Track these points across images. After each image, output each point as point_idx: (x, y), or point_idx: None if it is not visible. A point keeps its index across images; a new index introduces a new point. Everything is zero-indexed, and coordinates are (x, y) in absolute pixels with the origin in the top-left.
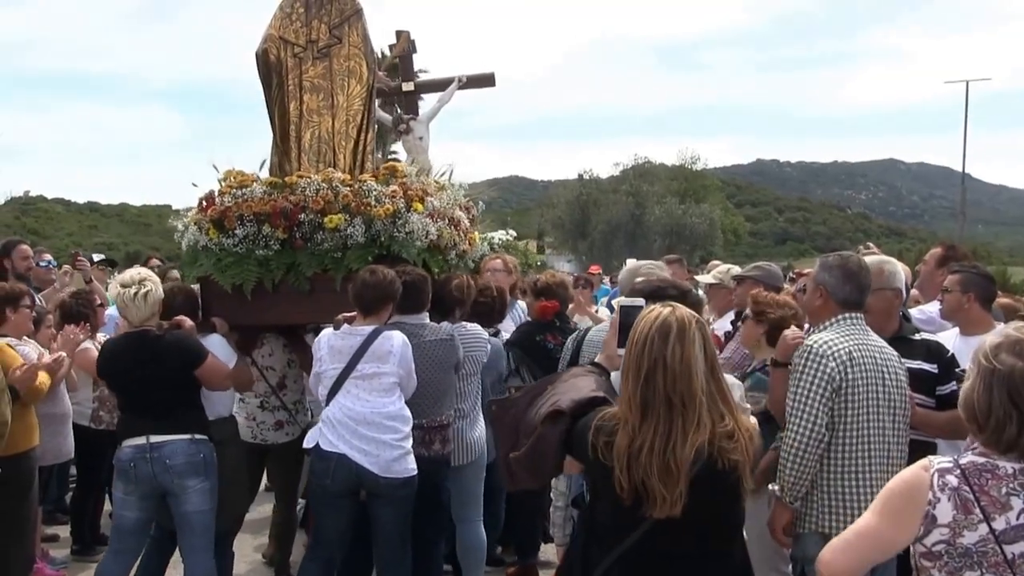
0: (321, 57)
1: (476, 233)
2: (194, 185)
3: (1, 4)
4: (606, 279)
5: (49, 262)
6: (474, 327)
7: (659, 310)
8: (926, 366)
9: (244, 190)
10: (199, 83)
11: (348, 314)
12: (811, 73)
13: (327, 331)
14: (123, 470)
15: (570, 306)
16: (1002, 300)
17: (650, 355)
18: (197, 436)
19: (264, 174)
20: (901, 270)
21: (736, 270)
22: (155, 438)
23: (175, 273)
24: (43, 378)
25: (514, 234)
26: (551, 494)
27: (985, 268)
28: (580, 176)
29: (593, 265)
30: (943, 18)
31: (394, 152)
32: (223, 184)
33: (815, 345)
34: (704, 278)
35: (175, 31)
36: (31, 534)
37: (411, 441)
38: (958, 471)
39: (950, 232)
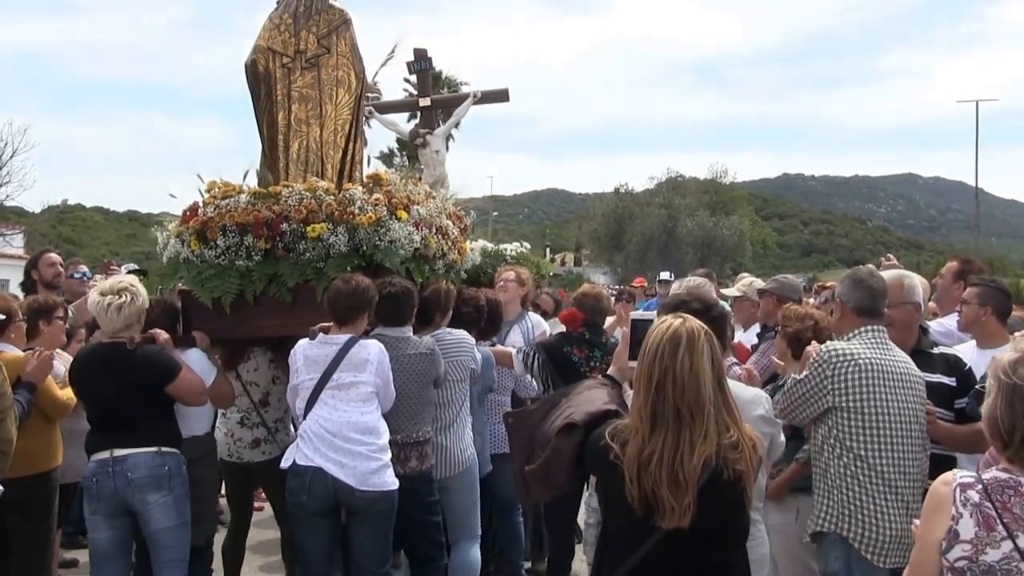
0: (309, 67)
1: (467, 243)
2: (172, 196)
3: (52, 12)
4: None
5: (84, 274)
6: (459, 333)
7: (670, 321)
8: (945, 379)
9: (228, 200)
10: (244, 95)
11: (324, 324)
12: (834, 90)
13: (302, 342)
14: (87, 487)
15: (609, 319)
16: (1016, 312)
17: (660, 366)
18: (164, 448)
19: (251, 184)
20: (919, 284)
21: (760, 283)
22: (119, 451)
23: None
24: (70, 393)
25: (528, 246)
26: (585, 510)
27: (1002, 281)
28: (616, 190)
29: (638, 278)
30: (958, 38)
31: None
32: (207, 195)
33: (839, 347)
34: (729, 291)
35: (227, 39)
36: (48, 560)
37: (389, 454)
38: (980, 487)
39: (966, 245)
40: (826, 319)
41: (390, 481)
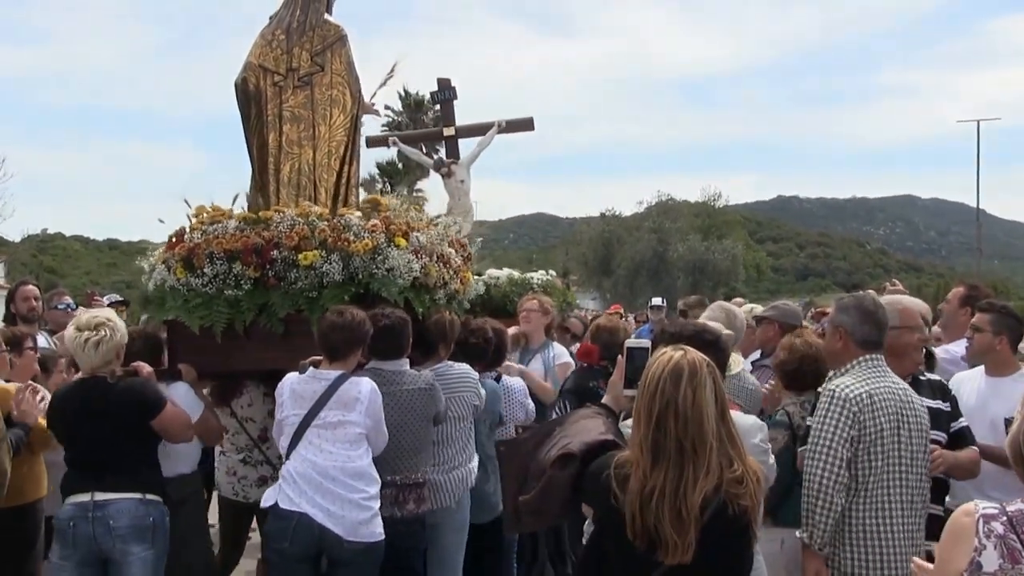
0: (302, 86)
1: (470, 272)
2: (161, 221)
3: (24, 40)
4: (630, 318)
5: (68, 305)
6: (461, 367)
7: (671, 353)
8: (940, 405)
9: (216, 226)
10: (222, 117)
11: (316, 357)
12: (829, 110)
13: (291, 375)
14: (61, 530)
15: None
16: None
17: (661, 399)
18: (149, 496)
19: (242, 209)
20: (916, 308)
21: (758, 309)
22: (100, 496)
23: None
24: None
25: (553, 273)
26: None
27: (1011, 307)
28: (602, 214)
29: (614, 304)
30: (957, 56)
31: (420, 191)
32: (194, 220)
33: (837, 389)
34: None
35: (198, 65)
36: None
37: (379, 502)
38: (1004, 518)
39: (967, 267)
40: (814, 345)
41: (378, 532)
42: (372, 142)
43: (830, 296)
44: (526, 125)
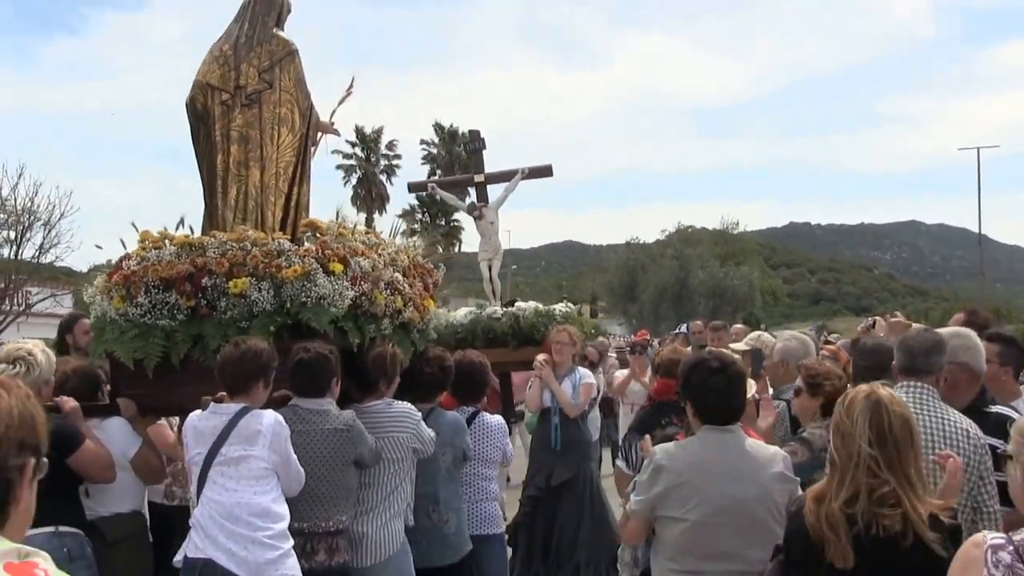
0: (249, 104)
1: (431, 300)
2: (98, 247)
3: (94, 76)
4: (655, 343)
5: None
6: (402, 406)
7: (867, 389)
8: (998, 443)
9: (154, 252)
10: None
11: (220, 393)
12: (838, 137)
13: (194, 413)
14: None
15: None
16: None
17: (863, 430)
18: (62, 528)
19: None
20: (968, 343)
21: (767, 337)
22: None
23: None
24: None
25: (573, 305)
26: (617, 565)
27: (1016, 338)
28: (627, 242)
29: (640, 331)
30: (956, 83)
31: (457, 220)
32: (139, 246)
33: None
34: (738, 345)
35: None
36: None
37: (291, 541)
38: (1011, 547)
39: (971, 292)
40: (838, 374)
41: (290, 573)
42: (413, 187)
43: (841, 320)
44: (546, 172)
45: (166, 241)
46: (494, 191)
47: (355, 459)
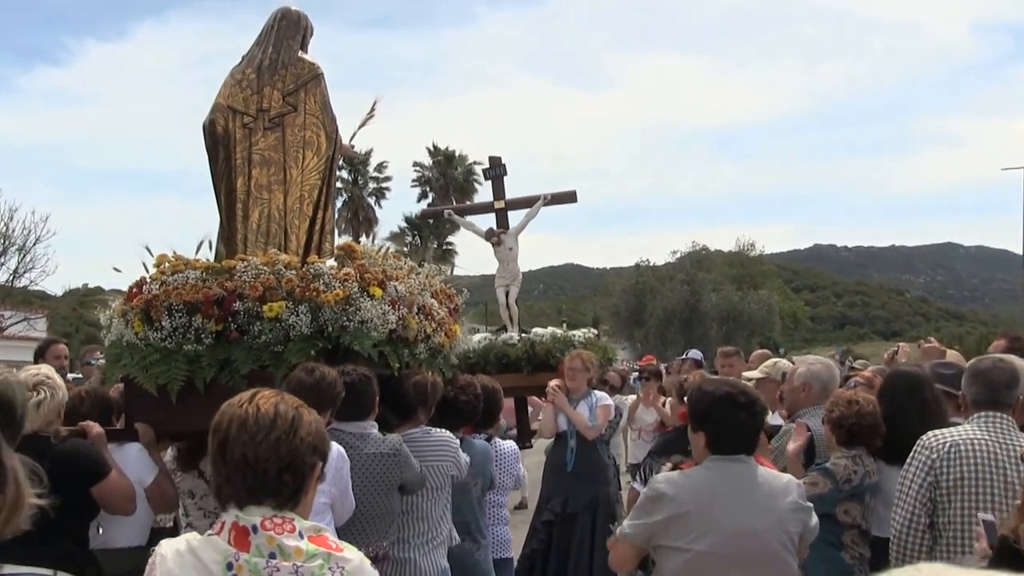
0: (273, 127)
1: (457, 325)
2: (117, 271)
3: (68, 103)
4: (661, 367)
5: (100, 359)
6: (441, 434)
7: None
8: None
9: (176, 276)
10: None
11: None
12: (866, 158)
13: None
14: None
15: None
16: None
17: None
18: (60, 574)
19: (207, 258)
20: None
21: (784, 363)
22: (9, 568)
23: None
24: None
25: (595, 332)
26: None
27: None
28: (637, 264)
29: (646, 356)
30: (1002, 103)
31: (451, 243)
32: (156, 270)
33: (925, 437)
34: (752, 373)
35: None
36: None
37: None
38: None
39: (1012, 315)
40: (871, 403)
41: None
42: (427, 214)
43: (868, 344)
44: (569, 197)
45: (185, 265)
46: (514, 218)
47: (400, 484)
